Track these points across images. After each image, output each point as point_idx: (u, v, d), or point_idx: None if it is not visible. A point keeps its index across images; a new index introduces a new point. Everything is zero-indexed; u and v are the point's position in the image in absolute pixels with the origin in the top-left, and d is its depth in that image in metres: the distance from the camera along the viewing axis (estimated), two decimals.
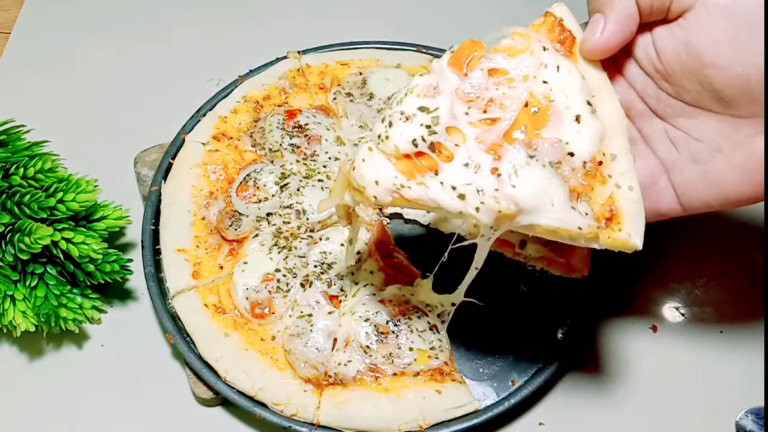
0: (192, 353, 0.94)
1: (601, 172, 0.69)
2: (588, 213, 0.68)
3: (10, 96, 1.29)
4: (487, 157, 0.68)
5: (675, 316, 1.03)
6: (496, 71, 0.71)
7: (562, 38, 0.72)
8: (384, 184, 0.68)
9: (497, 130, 0.68)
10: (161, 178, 1.09)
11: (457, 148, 0.68)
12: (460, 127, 0.69)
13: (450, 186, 0.67)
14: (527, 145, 0.68)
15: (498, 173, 0.67)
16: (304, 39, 1.26)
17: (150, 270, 1.01)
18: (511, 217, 0.66)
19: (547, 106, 0.70)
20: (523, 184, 0.67)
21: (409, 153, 0.69)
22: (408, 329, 0.93)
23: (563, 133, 0.69)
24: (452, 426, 0.89)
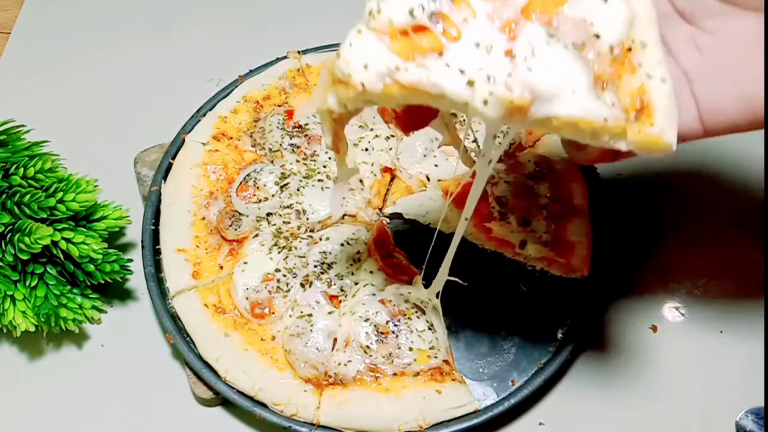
0: (192, 353, 0.94)
1: (630, 59, 0.60)
2: (615, 103, 0.58)
3: (10, 96, 1.29)
4: (502, 37, 0.58)
5: (675, 316, 1.03)
6: None
7: None
8: (375, 68, 0.58)
9: (514, 4, 0.59)
10: (161, 178, 1.09)
11: (465, 24, 0.58)
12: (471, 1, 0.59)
13: (457, 69, 0.57)
14: (547, 23, 0.59)
15: (512, 55, 0.57)
16: (304, 39, 1.26)
17: (150, 270, 1.01)
18: (524, 110, 0.56)
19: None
20: (540, 66, 0.57)
21: (406, 28, 0.59)
22: (408, 329, 0.93)
23: (588, 13, 0.60)
24: (452, 426, 0.89)
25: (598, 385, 0.97)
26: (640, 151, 0.60)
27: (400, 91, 0.58)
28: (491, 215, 1.03)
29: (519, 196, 1.04)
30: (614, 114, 0.58)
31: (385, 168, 1.10)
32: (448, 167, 1.09)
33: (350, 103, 0.61)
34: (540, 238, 1.00)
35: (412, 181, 1.09)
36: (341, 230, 1.02)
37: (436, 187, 1.08)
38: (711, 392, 0.96)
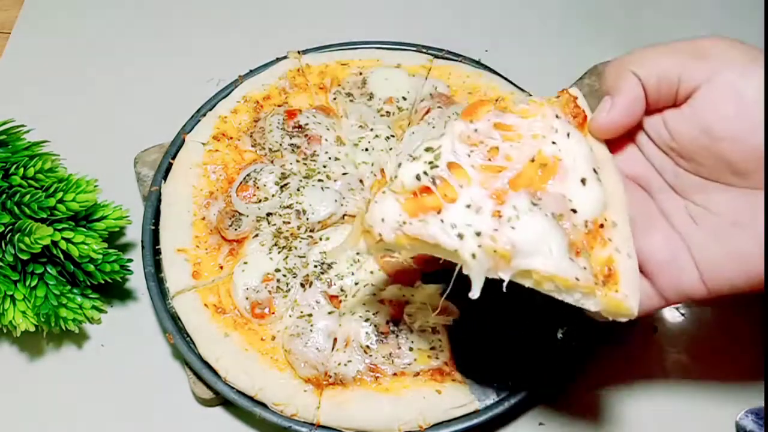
0: (192, 353, 0.94)
1: (601, 234, 0.70)
2: (587, 268, 0.68)
3: (10, 96, 1.29)
4: (490, 202, 0.69)
5: (675, 316, 1.03)
6: (505, 126, 0.73)
7: (574, 113, 0.75)
8: (389, 222, 0.69)
9: (503, 178, 0.70)
10: (161, 178, 1.09)
11: (461, 189, 0.70)
12: (463, 166, 0.71)
13: (450, 224, 0.68)
14: (531, 195, 0.70)
15: (499, 215, 0.68)
16: (304, 39, 1.26)
17: (150, 270, 1.01)
18: (506, 259, 0.66)
19: (554, 164, 0.71)
20: (523, 226, 0.67)
21: (414, 190, 0.70)
22: (408, 329, 0.93)
23: (568, 191, 0.71)
24: (452, 426, 0.89)
25: (597, 385, 0.97)
26: (605, 313, 0.69)
27: (407, 241, 0.69)
28: None
29: None
30: (585, 276, 0.67)
31: None
32: None
33: (374, 249, 0.73)
34: None
35: None
36: (341, 230, 1.02)
37: None
38: (711, 392, 0.96)
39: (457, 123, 0.74)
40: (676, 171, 0.73)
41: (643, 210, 0.75)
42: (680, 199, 0.74)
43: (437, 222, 0.68)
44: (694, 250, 0.71)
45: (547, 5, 1.45)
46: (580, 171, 0.71)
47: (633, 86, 0.71)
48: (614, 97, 0.72)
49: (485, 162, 0.71)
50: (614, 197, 0.72)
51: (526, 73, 1.23)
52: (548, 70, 1.29)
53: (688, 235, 0.72)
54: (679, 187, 0.74)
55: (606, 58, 1.26)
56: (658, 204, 0.75)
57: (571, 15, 1.43)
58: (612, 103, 0.72)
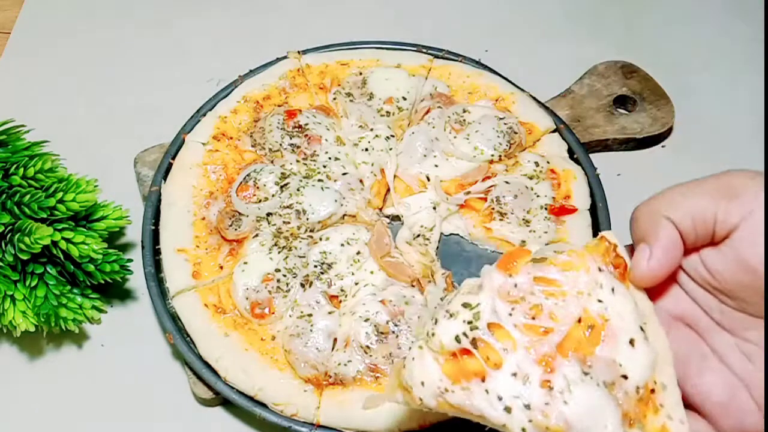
0: (192, 353, 0.94)
1: (653, 400, 0.66)
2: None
3: (10, 96, 1.29)
4: (538, 369, 0.65)
5: None
6: (546, 280, 0.69)
7: (616, 263, 0.71)
8: (429, 387, 0.66)
9: (550, 341, 0.66)
10: (161, 178, 1.09)
11: (506, 353, 0.65)
12: (505, 327, 0.66)
13: (496, 396, 0.64)
14: (582, 361, 0.65)
15: (550, 386, 0.64)
16: (304, 39, 1.26)
17: (150, 270, 1.01)
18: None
19: (602, 325, 0.67)
20: (576, 401, 0.63)
21: (454, 351, 0.66)
22: (408, 329, 0.93)
23: (617, 355, 0.67)
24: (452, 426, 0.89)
25: None
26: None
27: (450, 408, 0.66)
28: (491, 215, 1.03)
29: (519, 196, 1.04)
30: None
31: None
32: (448, 167, 1.09)
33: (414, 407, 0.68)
34: (540, 238, 1.00)
35: (412, 182, 1.09)
36: (341, 230, 1.02)
37: (437, 188, 1.08)
38: None
39: (495, 275, 0.69)
40: (721, 309, 0.71)
41: (695, 349, 0.72)
42: (730, 337, 0.71)
43: (482, 392, 0.64)
44: (753, 389, 0.69)
45: (547, 5, 1.45)
46: (628, 331, 0.67)
47: (669, 232, 0.69)
48: (652, 244, 0.69)
49: (529, 321, 0.67)
50: (661, 355, 0.68)
51: (526, 73, 1.23)
52: (548, 70, 1.29)
53: (745, 374, 0.69)
54: (727, 325, 0.71)
55: (605, 58, 1.26)
56: (708, 343, 0.72)
57: (571, 15, 1.43)
58: (651, 252, 0.69)
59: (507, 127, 1.10)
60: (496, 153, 1.09)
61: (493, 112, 1.13)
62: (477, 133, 1.09)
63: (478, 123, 1.11)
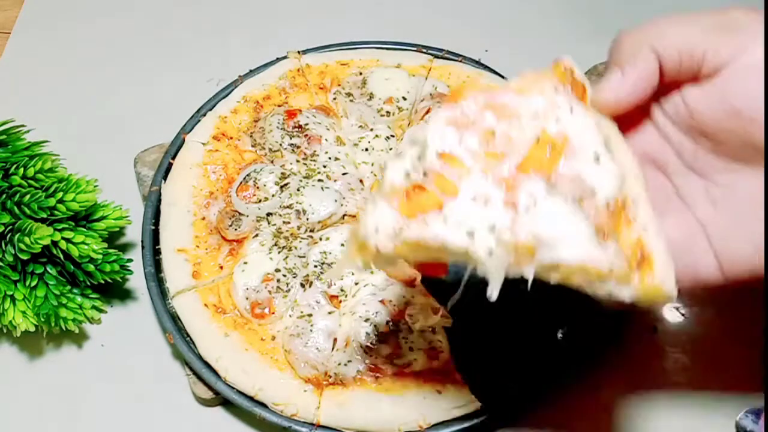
0: (192, 353, 0.94)
1: (625, 214, 0.62)
2: (618, 252, 0.60)
3: (10, 96, 1.29)
4: (498, 191, 0.60)
5: (675, 316, 1.03)
6: (497, 105, 0.65)
7: (574, 85, 0.68)
8: (384, 231, 0.60)
9: (509, 164, 0.62)
10: (161, 178, 1.09)
11: (460, 181, 0.61)
12: (456, 155, 0.63)
13: (455, 222, 0.59)
14: (546, 177, 0.61)
15: (515, 205, 0.60)
16: (304, 39, 1.26)
17: (150, 270, 1.01)
18: (530, 253, 0.58)
19: (562, 143, 0.63)
20: (544, 215, 0.59)
21: (406, 189, 0.62)
22: (408, 329, 0.93)
23: (582, 170, 0.62)
24: (452, 426, 0.89)
25: (597, 385, 0.97)
26: (641, 301, 0.62)
27: (409, 249, 0.60)
28: None
29: None
30: (618, 262, 0.59)
31: None
32: None
33: (374, 264, 0.64)
34: None
35: None
36: (341, 230, 1.02)
37: None
38: (711, 392, 0.96)
39: (441, 109, 0.65)
40: (695, 150, 0.67)
41: (658, 193, 0.68)
42: (700, 181, 0.67)
43: (440, 221, 0.59)
44: (712, 236, 0.66)
45: (547, 5, 1.45)
46: (591, 147, 0.63)
47: (649, 61, 0.64)
48: (624, 69, 0.66)
49: (484, 148, 0.62)
50: (628, 171, 0.64)
51: None
52: None
53: (707, 220, 0.66)
54: (699, 168, 0.67)
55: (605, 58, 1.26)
56: (675, 185, 0.69)
57: (571, 15, 1.43)
58: (622, 77, 0.66)
59: None
60: None
61: None
62: None
63: None
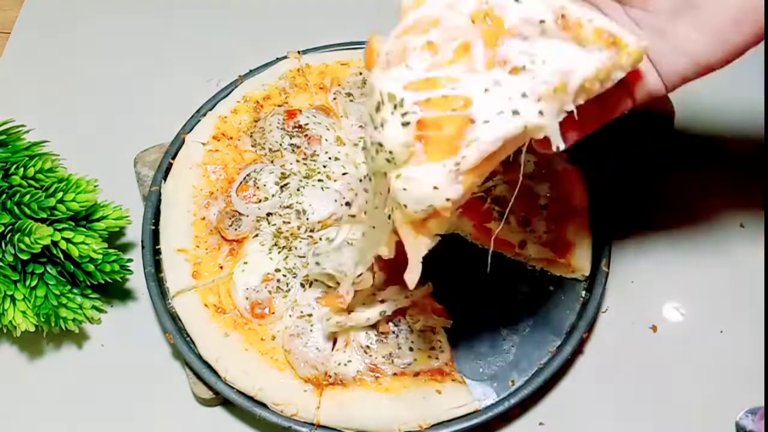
0: (192, 353, 0.94)
1: (570, 22, 0.67)
2: (600, 48, 0.67)
3: (10, 96, 1.29)
4: (496, 71, 0.64)
5: (675, 316, 1.03)
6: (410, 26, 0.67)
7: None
8: (443, 182, 0.62)
9: (478, 50, 0.64)
10: (161, 178, 1.09)
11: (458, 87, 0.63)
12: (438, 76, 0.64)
13: (495, 114, 0.62)
14: (511, 36, 0.66)
15: (523, 67, 0.64)
16: (304, 39, 1.26)
17: (150, 270, 1.01)
18: (564, 89, 0.64)
19: (489, 8, 0.66)
20: (547, 56, 0.65)
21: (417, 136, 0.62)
22: (408, 329, 0.93)
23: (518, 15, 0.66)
24: (452, 426, 0.89)
25: (598, 385, 0.97)
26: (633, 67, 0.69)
27: (477, 173, 0.62)
28: (491, 215, 1.03)
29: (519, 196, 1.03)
30: (607, 54, 0.66)
31: None
32: None
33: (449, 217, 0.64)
34: (540, 238, 1.00)
35: None
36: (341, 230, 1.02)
37: None
38: (711, 392, 0.96)
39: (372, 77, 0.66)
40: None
41: None
42: (619, 6, 0.74)
43: (485, 126, 0.62)
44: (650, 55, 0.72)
45: None
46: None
47: None
48: None
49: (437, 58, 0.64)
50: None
51: None
52: None
53: None
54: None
55: None
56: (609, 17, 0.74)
57: None
58: None
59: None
60: None
61: None
62: None
63: None
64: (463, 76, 0.64)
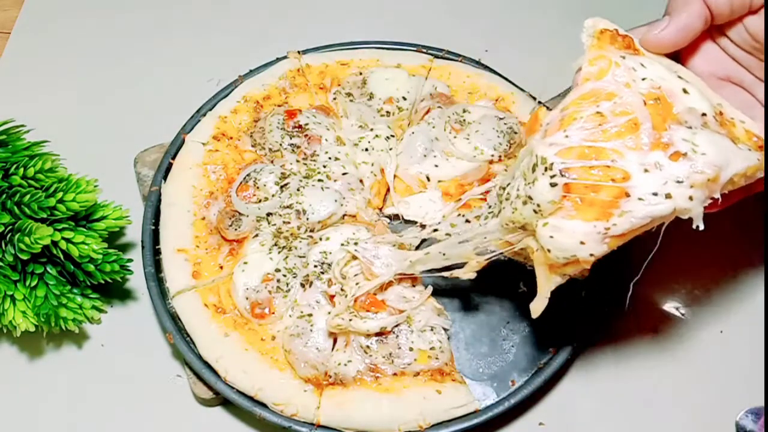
0: (192, 353, 0.94)
1: (726, 119, 0.75)
2: (750, 149, 0.73)
3: (10, 96, 1.29)
4: (658, 153, 0.70)
5: (675, 316, 1.03)
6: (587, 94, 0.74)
7: (626, 44, 0.78)
8: (589, 239, 0.69)
9: (646, 130, 0.71)
10: (161, 178, 1.09)
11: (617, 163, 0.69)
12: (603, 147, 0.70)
13: (650, 195, 0.69)
14: (678, 123, 0.72)
15: (683, 153, 0.69)
16: (304, 39, 1.26)
17: (150, 270, 1.01)
18: (716, 180, 0.69)
19: (662, 94, 0.73)
20: (707, 148, 0.70)
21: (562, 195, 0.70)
22: (408, 329, 0.93)
23: (687, 104, 0.73)
24: (452, 426, 0.89)
25: (598, 385, 0.97)
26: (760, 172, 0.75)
27: (622, 239, 0.70)
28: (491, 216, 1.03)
29: None
30: (757, 156, 0.73)
31: None
32: (448, 167, 1.09)
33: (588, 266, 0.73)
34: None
35: (412, 181, 1.09)
36: (341, 230, 1.02)
37: (436, 188, 1.08)
38: (711, 392, 0.96)
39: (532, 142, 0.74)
40: (760, 66, 0.80)
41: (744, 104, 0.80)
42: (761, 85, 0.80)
43: (638, 203, 0.68)
44: None
45: (547, 5, 1.45)
46: (676, 85, 0.74)
47: (693, 12, 0.76)
48: (672, 17, 0.77)
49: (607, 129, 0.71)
50: (702, 86, 0.76)
51: (526, 73, 1.22)
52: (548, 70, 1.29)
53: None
54: None
55: None
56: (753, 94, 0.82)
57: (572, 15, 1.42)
58: (666, 24, 0.77)
59: (507, 127, 1.10)
60: (496, 153, 1.09)
61: (493, 112, 1.13)
62: (477, 133, 1.09)
63: (478, 123, 1.11)
64: (626, 151, 0.70)
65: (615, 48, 0.77)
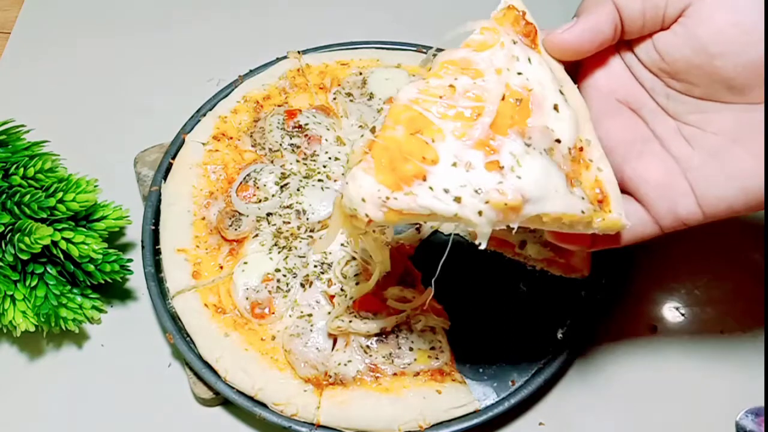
0: (192, 353, 0.94)
1: (583, 157, 0.68)
2: (584, 197, 0.66)
3: (10, 96, 1.29)
4: (478, 154, 0.64)
5: (675, 316, 1.03)
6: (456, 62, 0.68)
7: (526, 31, 0.72)
8: (370, 200, 0.63)
9: (482, 124, 0.65)
10: (161, 178, 1.09)
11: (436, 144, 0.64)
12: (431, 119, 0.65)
13: (442, 190, 0.63)
14: (521, 135, 0.65)
15: (499, 166, 0.63)
16: (304, 39, 1.26)
17: (150, 270, 1.01)
18: (517, 210, 0.63)
19: (527, 97, 0.67)
20: (527, 173, 0.63)
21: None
22: (408, 329, 0.93)
23: (547, 122, 0.67)
24: (452, 426, 0.89)
25: (598, 385, 0.97)
26: (601, 232, 0.68)
27: (398, 216, 0.64)
28: None
29: None
30: (586, 206, 0.66)
31: None
32: None
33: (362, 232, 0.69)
34: (540, 238, 1.00)
35: None
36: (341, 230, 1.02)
37: None
38: (711, 392, 0.96)
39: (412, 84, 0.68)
40: (667, 92, 0.71)
41: (636, 134, 0.73)
42: (672, 122, 0.72)
43: (426, 190, 0.63)
44: (689, 173, 0.69)
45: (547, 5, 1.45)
46: (551, 97, 0.68)
47: (606, 11, 0.69)
48: (579, 18, 0.70)
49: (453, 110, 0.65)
50: (580, 114, 0.69)
51: None
52: None
53: (683, 158, 0.70)
54: (671, 109, 0.71)
55: None
56: (651, 127, 0.73)
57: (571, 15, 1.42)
58: (573, 25, 0.71)
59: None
60: None
61: None
62: None
63: None
64: (450, 136, 0.65)
65: (514, 31, 0.70)
